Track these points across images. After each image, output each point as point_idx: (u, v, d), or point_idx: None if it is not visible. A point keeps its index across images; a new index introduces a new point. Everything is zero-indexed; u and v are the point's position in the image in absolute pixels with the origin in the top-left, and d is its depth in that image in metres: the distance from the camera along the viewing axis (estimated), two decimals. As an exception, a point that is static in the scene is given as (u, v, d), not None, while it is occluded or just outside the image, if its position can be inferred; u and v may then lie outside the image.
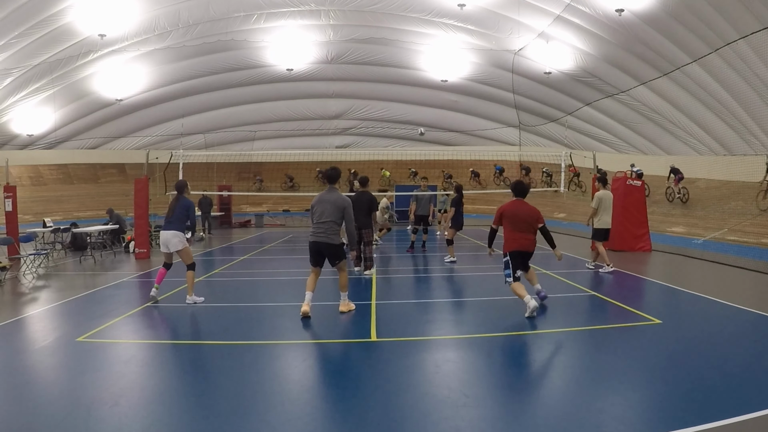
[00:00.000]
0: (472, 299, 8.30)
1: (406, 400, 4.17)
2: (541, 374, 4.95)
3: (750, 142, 17.33)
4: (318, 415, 3.97)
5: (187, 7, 20.84)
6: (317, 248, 6.96)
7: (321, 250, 6.96)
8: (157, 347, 5.78)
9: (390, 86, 28.33)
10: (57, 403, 4.20)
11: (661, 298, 8.26)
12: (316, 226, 6.91)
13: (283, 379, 4.80)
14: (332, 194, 7.03)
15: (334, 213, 6.89)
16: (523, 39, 21.41)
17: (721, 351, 5.39)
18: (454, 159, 30.11)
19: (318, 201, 7.01)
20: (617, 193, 14.58)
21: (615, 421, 3.75)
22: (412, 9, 21.55)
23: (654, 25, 16.85)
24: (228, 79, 27.07)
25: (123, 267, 12.05)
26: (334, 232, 6.92)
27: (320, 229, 6.89)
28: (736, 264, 11.40)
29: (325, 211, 6.89)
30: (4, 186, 13.57)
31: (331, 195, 7.01)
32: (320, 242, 6.90)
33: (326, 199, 6.97)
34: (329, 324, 6.69)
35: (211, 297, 8.21)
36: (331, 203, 6.92)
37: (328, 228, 6.87)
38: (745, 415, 3.75)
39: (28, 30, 19.02)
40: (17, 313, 7.36)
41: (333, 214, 6.89)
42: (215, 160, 29.21)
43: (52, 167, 29.45)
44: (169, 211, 7.80)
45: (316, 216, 6.94)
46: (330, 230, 6.89)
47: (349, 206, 7.03)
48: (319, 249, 6.96)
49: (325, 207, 6.91)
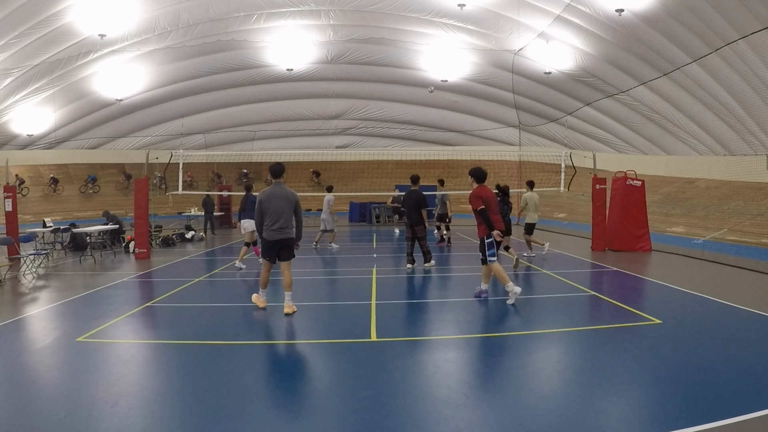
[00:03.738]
0: (472, 299, 8.30)
1: (406, 400, 4.18)
2: (541, 374, 4.94)
3: (750, 142, 17.32)
4: (318, 415, 3.97)
5: (187, 7, 20.83)
6: (280, 245, 6.99)
7: (282, 245, 7.00)
8: (157, 347, 5.78)
9: (390, 86, 28.33)
10: (57, 403, 4.20)
11: (661, 298, 8.26)
12: (274, 222, 6.90)
13: (283, 379, 4.80)
14: (282, 189, 7.06)
15: (288, 207, 6.97)
16: (523, 39, 21.41)
17: (721, 351, 5.39)
18: (454, 159, 30.09)
19: (269, 197, 6.97)
20: (617, 193, 14.62)
21: (615, 421, 3.75)
22: (412, 9, 21.54)
23: (654, 25, 16.84)
24: (228, 79, 27.06)
25: (123, 267, 12.05)
26: (289, 226, 7.02)
27: (280, 225, 6.92)
28: (736, 264, 11.40)
29: (279, 207, 6.92)
30: (5, 186, 13.58)
31: (282, 190, 7.05)
32: (283, 239, 6.97)
33: (279, 195, 6.98)
34: (329, 324, 6.70)
35: (211, 297, 8.22)
36: (285, 198, 6.97)
37: (286, 223, 6.97)
38: (745, 415, 3.76)
39: (28, 30, 19.00)
40: (17, 313, 7.36)
41: (288, 209, 6.97)
42: (215, 160, 29.22)
43: (52, 167, 29.45)
44: (241, 205, 11.46)
45: (271, 212, 6.91)
46: (289, 225, 7.00)
47: (298, 200, 7.16)
48: (282, 245, 7.00)
49: (280, 202, 6.94)
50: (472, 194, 7.66)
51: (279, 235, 6.92)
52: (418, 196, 10.68)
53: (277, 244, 6.98)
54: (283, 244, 6.99)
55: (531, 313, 7.42)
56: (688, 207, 18.63)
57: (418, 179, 11.04)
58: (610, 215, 14.49)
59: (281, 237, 6.93)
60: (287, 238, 6.98)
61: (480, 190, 7.68)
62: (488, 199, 7.63)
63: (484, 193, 7.66)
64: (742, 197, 17.24)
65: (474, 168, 7.91)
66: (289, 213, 6.97)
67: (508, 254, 10.99)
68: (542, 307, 7.71)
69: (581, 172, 16.77)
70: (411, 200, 10.62)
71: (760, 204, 16.02)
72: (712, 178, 19.79)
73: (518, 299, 7.45)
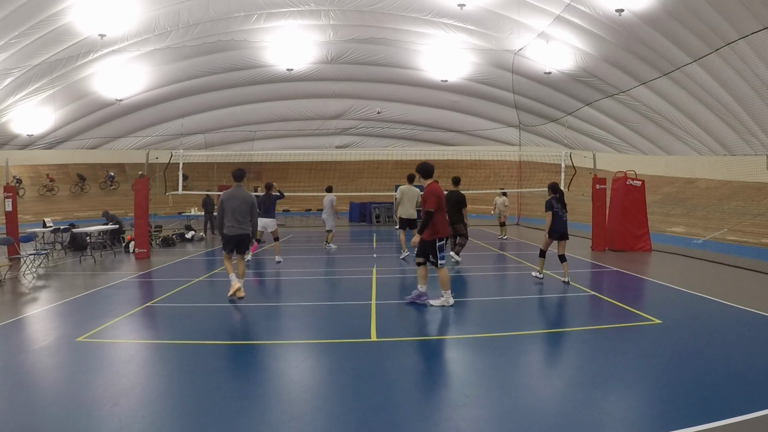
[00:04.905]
0: (472, 299, 8.30)
1: (406, 400, 4.18)
2: (541, 374, 4.95)
3: (750, 142, 17.33)
4: (318, 415, 3.97)
5: (187, 7, 20.83)
6: (237, 239, 7.96)
7: (239, 240, 7.97)
8: (157, 347, 5.78)
9: (390, 86, 28.33)
10: (57, 403, 4.20)
11: (661, 298, 8.26)
12: (231, 220, 7.88)
13: (283, 379, 4.80)
14: (241, 192, 8.03)
15: (244, 207, 7.92)
16: (523, 39, 21.41)
17: (721, 351, 5.39)
18: (454, 159, 30.10)
19: (229, 198, 7.95)
20: (617, 193, 14.61)
21: (615, 421, 3.75)
22: (412, 9, 21.54)
23: (654, 25, 16.84)
24: (228, 79, 27.06)
25: (123, 267, 12.05)
26: (246, 223, 7.98)
27: (237, 223, 7.88)
28: (736, 264, 11.40)
29: (237, 207, 7.88)
30: (5, 186, 13.57)
31: (241, 192, 8.02)
32: (240, 234, 7.93)
33: (237, 196, 7.95)
34: (329, 324, 6.70)
35: (210, 297, 8.22)
36: (242, 199, 7.93)
37: (242, 221, 7.91)
38: (745, 414, 3.76)
39: (28, 30, 19.00)
40: (17, 313, 7.36)
41: (245, 209, 7.92)
42: (215, 160, 29.21)
43: (52, 167, 29.44)
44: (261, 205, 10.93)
45: (229, 211, 7.88)
46: (244, 222, 7.94)
47: (255, 201, 8.13)
48: (238, 239, 7.97)
49: (238, 203, 7.90)
50: (427, 191, 7.16)
51: (235, 231, 7.91)
52: (458, 196, 11.44)
53: (234, 239, 7.95)
54: (239, 239, 7.97)
55: (531, 313, 7.43)
56: (688, 207, 18.63)
57: (459, 181, 11.92)
58: (610, 215, 14.49)
59: (237, 233, 7.92)
60: (242, 234, 7.96)
61: (434, 187, 7.21)
62: (441, 199, 7.18)
63: (439, 191, 7.21)
64: (742, 197, 17.24)
65: (421, 163, 7.43)
66: (245, 212, 7.91)
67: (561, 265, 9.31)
68: (542, 307, 7.72)
69: (581, 172, 16.80)
70: (452, 200, 11.11)
71: (760, 204, 16.02)
72: (712, 178, 19.79)
73: (518, 298, 7.45)
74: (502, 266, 12.16)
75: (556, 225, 9.10)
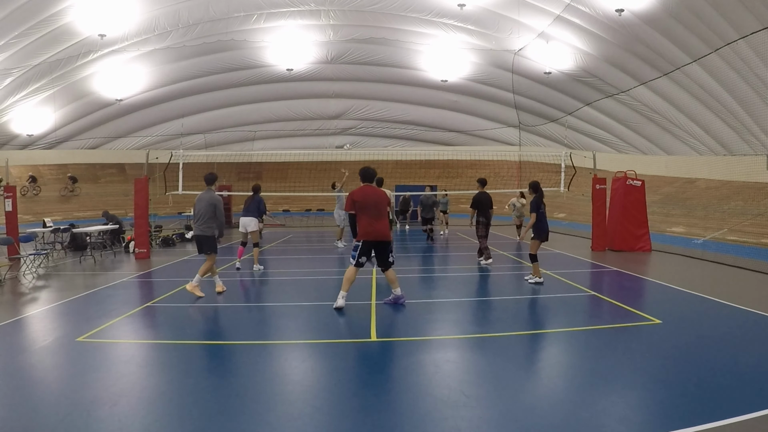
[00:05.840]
0: (472, 299, 8.30)
1: (406, 400, 4.17)
2: (541, 374, 4.94)
3: (750, 142, 17.33)
4: (318, 415, 3.97)
5: (187, 7, 20.84)
6: (198, 240, 8.31)
7: (199, 240, 8.29)
8: (157, 347, 5.77)
9: (390, 86, 28.33)
10: (57, 403, 4.19)
11: (661, 298, 8.26)
12: (197, 220, 8.23)
13: (283, 379, 4.80)
14: (208, 194, 8.32)
15: (208, 209, 8.17)
16: (523, 39, 21.42)
17: (720, 351, 5.38)
18: (454, 159, 30.11)
19: (198, 200, 8.32)
20: (617, 193, 14.61)
21: (615, 421, 3.75)
22: (412, 9, 21.55)
23: (654, 25, 16.84)
24: (228, 79, 27.06)
25: (123, 267, 12.05)
26: (208, 225, 8.19)
27: (201, 223, 8.18)
28: (736, 264, 11.40)
29: (201, 208, 8.18)
30: (5, 186, 13.57)
31: (207, 194, 8.31)
32: (200, 235, 8.24)
33: (203, 198, 8.27)
34: (329, 324, 6.69)
35: (210, 297, 8.22)
36: (206, 201, 8.20)
37: (205, 222, 8.17)
38: (745, 414, 3.75)
39: (28, 30, 19.00)
40: (17, 313, 7.36)
41: (208, 211, 8.16)
42: (215, 160, 29.19)
43: (52, 167, 29.44)
44: (245, 204, 11.10)
45: (196, 213, 8.26)
46: (206, 224, 8.17)
47: (219, 203, 8.30)
48: (199, 240, 8.30)
49: (202, 205, 8.20)
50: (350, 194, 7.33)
51: (199, 231, 8.25)
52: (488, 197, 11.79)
53: (200, 239, 8.28)
54: (199, 239, 8.28)
55: (531, 313, 7.43)
56: (688, 207, 18.63)
57: (486, 182, 12.11)
58: (610, 215, 14.49)
59: (199, 233, 8.25)
60: (202, 236, 8.24)
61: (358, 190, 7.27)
62: (363, 202, 7.15)
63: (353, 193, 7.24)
64: (742, 197, 17.24)
65: (362, 168, 7.54)
66: (210, 215, 8.16)
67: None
68: (542, 307, 7.71)
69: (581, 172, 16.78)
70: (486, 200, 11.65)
71: (760, 204, 16.01)
72: (712, 178, 19.79)
73: (518, 298, 7.45)
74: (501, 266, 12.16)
75: (544, 225, 9.06)
